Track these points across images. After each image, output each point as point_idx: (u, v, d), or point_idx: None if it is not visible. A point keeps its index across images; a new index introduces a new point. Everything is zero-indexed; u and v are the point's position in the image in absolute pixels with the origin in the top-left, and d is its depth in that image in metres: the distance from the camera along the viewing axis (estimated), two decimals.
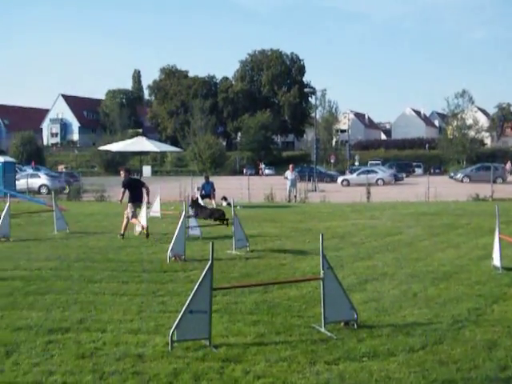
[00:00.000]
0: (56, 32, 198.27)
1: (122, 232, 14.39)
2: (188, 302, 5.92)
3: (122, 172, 15.44)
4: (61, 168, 67.05)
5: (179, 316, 5.91)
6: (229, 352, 5.82)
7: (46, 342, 6.11)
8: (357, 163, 72.65)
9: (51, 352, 5.83)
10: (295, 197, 29.21)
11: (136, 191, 15.00)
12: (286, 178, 29.89)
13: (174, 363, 5.53)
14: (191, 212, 14.47)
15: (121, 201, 15.12)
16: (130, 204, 14.85)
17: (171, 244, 11.05)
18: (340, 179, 51.81)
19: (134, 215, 14.80)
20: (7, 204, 14.81)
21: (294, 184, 29.34)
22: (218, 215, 14.48)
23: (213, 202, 23.72)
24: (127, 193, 14.75)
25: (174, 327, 5.90)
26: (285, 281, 8.84)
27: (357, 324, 6.63)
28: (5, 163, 36.26)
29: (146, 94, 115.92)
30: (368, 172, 48.57)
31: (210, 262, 5.95)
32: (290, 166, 30.41)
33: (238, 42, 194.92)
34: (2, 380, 5.10)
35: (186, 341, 5.97)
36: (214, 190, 24.35)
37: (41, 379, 5.11)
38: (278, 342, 6.12)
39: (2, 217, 14.30)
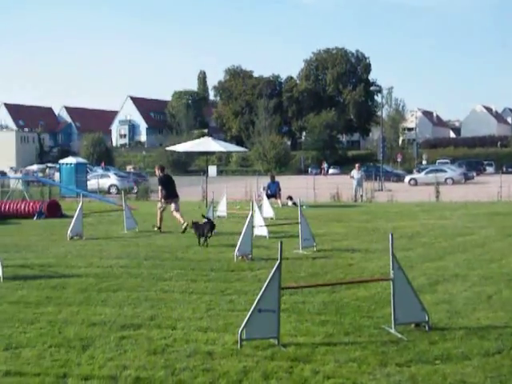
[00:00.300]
0: (124, 36, 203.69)
1: (159, 225, 15.09)
2: (257, 300, 5.93)
3: (156, 170, 16.13)
4: (129, 168, 68.78)
5: (248, 315, 5.94)
6: (297, 351, 5.81)
7: (119, 338, 6.27)
8: (424, 162, 71.17)
9: (124, 347, 5.97)
10: (361, 196, 28.89)
11: (171, 187, 15.73)
12: (352, 177, 29.59)
13: (243, 361, 5.56)
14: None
15: (162, 198, 15.66)
16: (163, 200, 15.53)
17: (238, 243, 11.13)
18: (407, 178, 50.87)
19: (177, 209, 15.54)
20: (80, 204, 15.30)
21: (360, 183, 29.03)
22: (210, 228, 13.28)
23: (278, 201, 23.78)
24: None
25: (243, 326, 5.93)
26: (353, 281, 8.74)
27: (428, 326, 6.48)
28: (77, 164, 37.52)
29: (212, 95, 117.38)
30: (436, 171, 47.45)
31: (278, 262, 5.94)
32: (356, 165, 30.10)
33: (302, 41, 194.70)
34: (79, 373, 5.26)
35: (254, 339, 5.99)
36: (280, 189, 24.42)
37: (115, 373, 5.25)
38: (348, 343, 6.06)
39: (75, 216, 14.78)
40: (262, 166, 77.38)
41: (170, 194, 15.68)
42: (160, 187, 15.65)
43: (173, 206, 15.75)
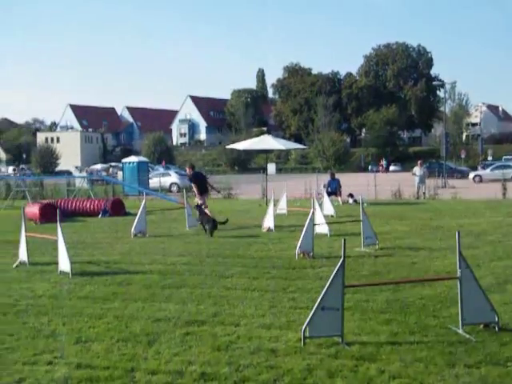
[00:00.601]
0: (184, 36, 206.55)
1: (217, 220, 15.11)
2: (320, 298, 5.90)
3: (187, 168, 17.30)
4: None
5: (311, 312, 5.92)
6: (362, 350, 5.74)
7: (183, 334, 6.36)
8: (490, 158, 69.13)
9: (189, 343, 6.05)
10: (424, 193, 28.30)
11: (203, 184, 16.69)
12: (414, 174, 29.03)
13: (307, 359, 5.54)
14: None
15: (199, 194, 16.39)
16: (199, 196, 16.29)
17: (299, 241, 11.10)
18: (472, 175, 49.52)
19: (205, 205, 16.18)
20: (143, 202, 15.61)
21: (422, 180, 28.44)
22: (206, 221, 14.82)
23: (339, 199, 23.60)
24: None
25: (306, 323, 5.91)
26: (418, 279, 8.58)
27: (498, 327, 6.29)
28: (139, 163, 38.26)
29: (270, 93, 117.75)
30: (503, 167, 45.96)
31: (341, 259, 5.89)
32: (419, 162, 29.52)
33: (362, 36, 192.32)
34: (146, 367, 5.37)
35: (318, 337, 5.97)
36: (340, 187, 24.23)
37: (181, 368, 5.32)
38: (413, 342, 5.94)
39: (138, 214, 15.09)
40: (322, 163, 76.96)
41: (204, 190, 16.72)
42: (194, 184, 16.68)
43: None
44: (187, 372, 5.24)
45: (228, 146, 33.91)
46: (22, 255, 10.83)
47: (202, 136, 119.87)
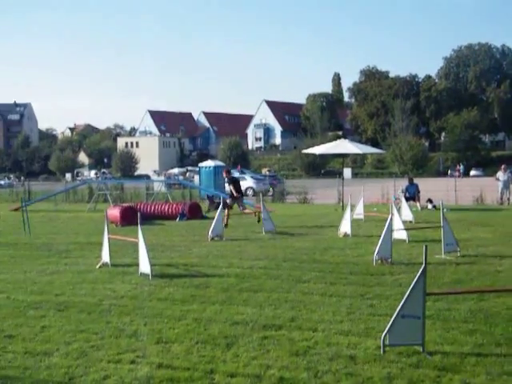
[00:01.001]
0: (259, 41, 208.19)
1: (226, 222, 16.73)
2: (400, 306, 5.78)
3: (224, 173, 19.65)
4: (265, 171, 70.06)
5: (391, 320, 5.80)
6: (444, 360, 5.57)
7: (261, 338, 6.38)
8: None
9: (267, 347, 6.06)
10: (508, 199, 27.21)
11: (237, 187, 18.29)
12: (498, 179, 27.93)
13: (387, 367, 5.43)
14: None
15: (238, 194, 18.15)
16: (231, 199, 18.39)
17: (377, 246, 10.92)
18: None
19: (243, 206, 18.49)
20: (220, 205, 15.78)
21: (506, 185, 27.33)
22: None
23: (417, 204, 23.08)
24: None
25: (386, 331, 5.80)
26: (505, 289, 8.24)
27: None
28: (215, 167, 38.80)
29: (346, 97, 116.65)
30: None
31: (423, 266, 5.73)
32: (502, 167, 28.40)
33: (441, 38, 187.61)
34: (225, 369, 5.42)
35: (398, 346, 5.84)
36: (419, 192, 23.68)
37: (259, 372, 5.34)
38: (500, 355, 5.70)
39: (215, 218, 15.28)
40: (399, 168, 75.49)
41: (238, 192, 18.38)
42: (231, 187, 18.26)
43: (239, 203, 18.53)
44: (266, 376, 5.25)
45: (304, 151, 33.84)
46: (105, 257, 11.20)
47: (278, 140, 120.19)
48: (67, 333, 6.66)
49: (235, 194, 18.12)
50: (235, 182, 18.42)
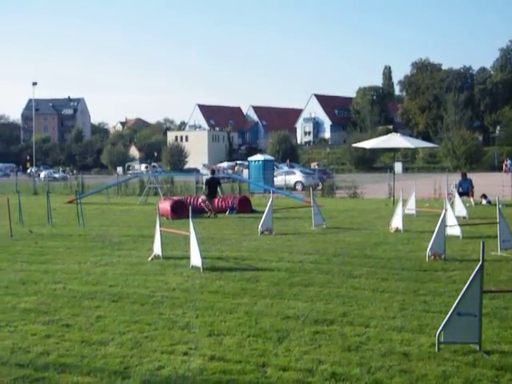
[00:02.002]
0: (307, 35, 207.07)
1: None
2: (456, 303, 5.66)
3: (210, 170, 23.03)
4: (313, 165, 69.70)
5: (446, 317, 5.68)
6: (503, 360, 5.42)
7: (313, 332, 6.35)
8: None
9: (319, 342, 6.03)
10: None
11: (211, 187, 20.64)
12: None
13: (442, 365, 5.32)
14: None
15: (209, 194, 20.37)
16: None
17: (430, 242, 10.72)
18: None
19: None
20: (270, 199, 15.79)
21: None
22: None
23: (471, 199, 22.57)
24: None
25: (440, 328, 5.69)
26: None
27: None
28: (264, 161, 38.89)
29: (397, 90, 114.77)
30: None
31: (480, 263, 5.60)
32: None
33: (497, 28, 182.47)
34: (276, 363, 5.42)
35: (453, 343, 5.72)
36: (473, 187, 23.14)
37: (312, 367, 5.32)
38: None
39: (265, 211, 15.29)
40: (451, 162, 73.85)
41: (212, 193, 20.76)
42: (206, 186, 20.74)
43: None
44: (318, 371, 5.23)
45: (354, 145, 33.49)
46: (157, 249, 11.36)
47: (327, 134, 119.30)
48: (121, 323, 6.79)
49: (206, 192, 20.55)
50: (210, 183, 20.84)
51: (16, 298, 8.10)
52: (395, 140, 24.90)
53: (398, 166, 67.38)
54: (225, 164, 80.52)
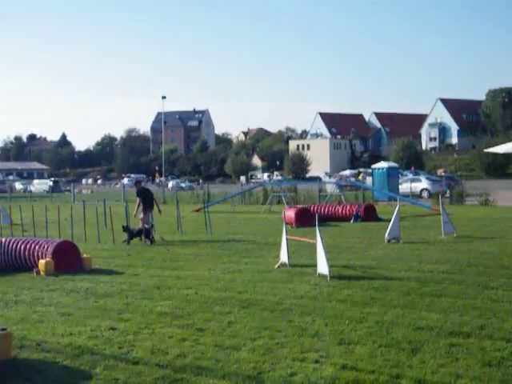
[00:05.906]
0: (432, 37, 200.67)
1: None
2: None
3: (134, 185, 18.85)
4: (440, 172, 67.27)
5: None
6: None
7: (448, 345, 6.09)
8: None
9: (455, 355, 5.77)
10: None
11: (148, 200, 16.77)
12: None
13: None
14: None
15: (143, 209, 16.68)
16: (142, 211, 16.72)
17: None
18: None
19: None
20: (397, 207, 15.41)
21: None
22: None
23: None
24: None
25: None
26: None
27: None
28: (389, 168, 38.04)
29: None
30: None
31: None
32: None
33: None
34: (411, 375, 5.25)
35: None
36: None
37: (449, 381, 5.10)
38: None
39: (392, 219, 14.94)
40: None
41: (147, 206, 16.75)
42: (139, 199, 16.76)
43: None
44: None
45: (487, 150, 31.88)
46: (283, 257, 11.45)
47: (454, 140, 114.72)
48: (252, 329, 6.90)
49: (141, 206, 16.58)
50: (144, 193, 16.99)
51: (152, 302, 8.49)
52: None
53: None
54: (347, 172, 79.89)
